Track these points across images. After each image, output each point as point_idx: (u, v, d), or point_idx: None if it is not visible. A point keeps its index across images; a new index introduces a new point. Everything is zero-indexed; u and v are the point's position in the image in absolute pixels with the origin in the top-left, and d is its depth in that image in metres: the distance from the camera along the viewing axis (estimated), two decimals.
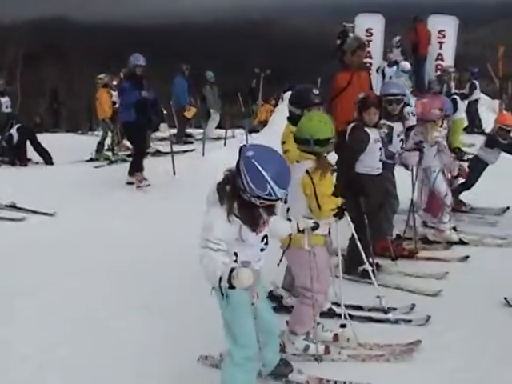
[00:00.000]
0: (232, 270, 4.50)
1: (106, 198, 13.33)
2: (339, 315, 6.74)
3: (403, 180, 9.40)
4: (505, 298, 7.57)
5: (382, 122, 9.03)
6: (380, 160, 8.16)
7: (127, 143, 20.32)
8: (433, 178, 9.81)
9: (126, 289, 8.21)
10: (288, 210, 5.83)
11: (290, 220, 5.50)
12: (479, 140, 12.71)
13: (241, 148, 4.78)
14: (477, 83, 20.75)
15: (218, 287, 4.65)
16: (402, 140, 9.25)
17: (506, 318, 7.26)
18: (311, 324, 6.24)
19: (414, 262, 9.22)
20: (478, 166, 11.24)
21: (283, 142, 7.05)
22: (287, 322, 6.44)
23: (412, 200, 9.59)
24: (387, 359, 6.19)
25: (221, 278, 4.53)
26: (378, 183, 8.24)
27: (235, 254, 4.87)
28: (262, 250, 5.05)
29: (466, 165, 10.82)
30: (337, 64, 10.53)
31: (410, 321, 7.16)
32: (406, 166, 9.03)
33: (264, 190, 4.62)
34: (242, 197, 4.73)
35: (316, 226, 5.65)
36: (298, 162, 6.08)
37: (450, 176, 10.33)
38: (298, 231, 5.54)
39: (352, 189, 7.60)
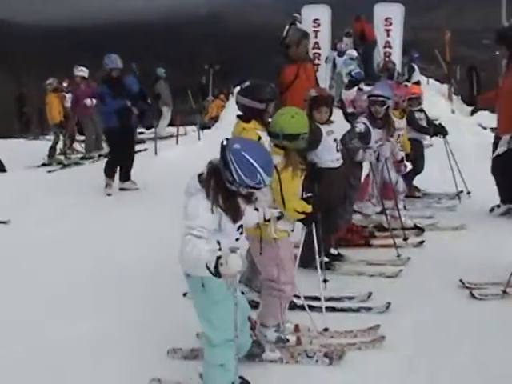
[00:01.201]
0: (219, 257, 4.62)
1: (60, 202, 13.15)
2: (299, 306, 6.80)
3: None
4: (460, 280, 7.67)
5: (361, 119, 9.24)
6: (337, 150, 8.15)
7: (78, 146, 20.33)
8: (380, 166, 9.89)
9: (86, 292, 8.14)
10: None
11: (257, 210, 5.52)
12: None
13: (222, 142, 4.97)
14: (415, 66, 20.99)
15: (209, 271, 4.68)
16: (381, 145, 9.45)
17: (461, 299, 7.36)
18: (280, 315, 6.30)
19: (370, 250, 9.33)
20: (413, 146, 11.27)
21: None
22: (249, 318, 6.47)
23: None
24: (359, 347, 6.24)
25: (206, 265, 4.66)
26: (339, 175, 8.25)
27: (218, 242, 4.97)
28: (236, 239, 5.20)
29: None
30: (281, 58, 10.52)
31: (370, 309, 7.21)
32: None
33: (254, 179, 4.88)
34: (226, 188, 4.96)
35: (281, 216, 5.77)
36: None
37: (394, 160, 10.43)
38: (264, 220, 5.64)
39: (310, 180, 7.64)
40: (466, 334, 6.47)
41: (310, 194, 6.47)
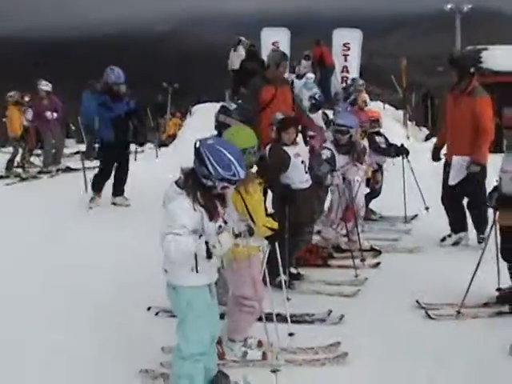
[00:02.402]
0: (207, 242, 4.96)
1: (18, 215, 13.17)
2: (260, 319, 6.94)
3: None
4: (416, 301, 7.90)
5: (326, 145, 9.68)
6: (306, 172, 8.40)
7: (35, 160, 20.22)
8: (355, 189, 10.15)
9: (46, 306, 8.15)
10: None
11: (226, 222, 5.50)
12: None
13: (195, 143, 5.24)
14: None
15: (195, 259, 5.04)
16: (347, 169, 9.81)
17: (417, 319, 7.58)
18: (248, 330, 6.51)
19: (328, 271, 9.49)
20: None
21: None
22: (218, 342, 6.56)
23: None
24: (323, 363, 6.43)
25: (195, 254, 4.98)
26: (308, 196, 8.52)
27: (200, 236, 5.11)
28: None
29: None
30: (259, 78, 10.73)
31: (324, 320, 7.50)
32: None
33: (229, 170, 5.13)
34: (203, 186, 5.19)
35: (250, 228, 5.65)
36: None
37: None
38: (236, 236, 5.48)
39: (280, 201, 7.86)
40: (422, 353, 6.65)
41: (272, 211, 6.62)
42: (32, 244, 11.00)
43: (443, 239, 10.62)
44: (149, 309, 7.79)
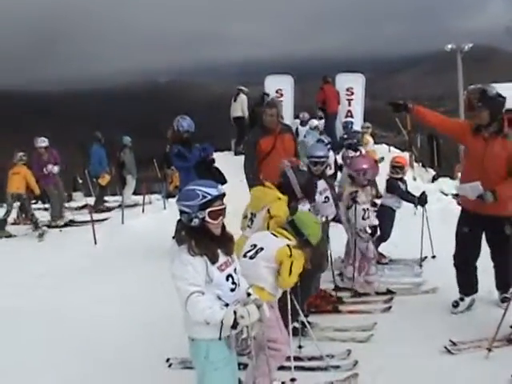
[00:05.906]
0: (235, 312, 4.92)
1: (23, 272, 13.21)
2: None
3: None
4: (446, 346, 7.82)
5: None
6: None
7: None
8: (366, 236, 10.28)
9: (60, 364, 8.15)
10: None
11: (249, 294, 5.45)
12: None
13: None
14: None
15: (219, 329, 4.98)
16: (327, 197, 9.70)
17: (435, 361, 7.51)
18: (273, 376, 6.42)
19: (339, 316, 9.40)
20: (385, 214, 11.63)
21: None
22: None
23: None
24: None
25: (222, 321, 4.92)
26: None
27: (219, 297, 5.13)
28: (232, 290, 5.25)
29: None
30: (258, 129, 10.71)
31: (338, 366, 7.43)
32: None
33: (197, 197, 5.16)
34: (197, 232, 5.17)
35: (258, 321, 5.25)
36: (276, 236, 6.58)
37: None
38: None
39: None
40: None
41: None
42: (41, 296, 11.10)
43: (456, 305, 9.57)
44: (167, 360, 7.74)
